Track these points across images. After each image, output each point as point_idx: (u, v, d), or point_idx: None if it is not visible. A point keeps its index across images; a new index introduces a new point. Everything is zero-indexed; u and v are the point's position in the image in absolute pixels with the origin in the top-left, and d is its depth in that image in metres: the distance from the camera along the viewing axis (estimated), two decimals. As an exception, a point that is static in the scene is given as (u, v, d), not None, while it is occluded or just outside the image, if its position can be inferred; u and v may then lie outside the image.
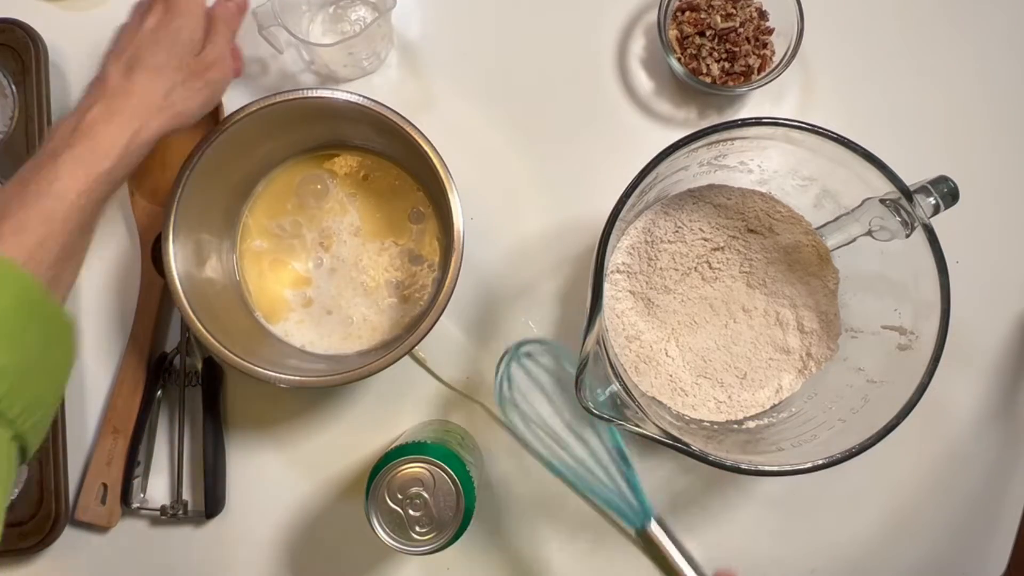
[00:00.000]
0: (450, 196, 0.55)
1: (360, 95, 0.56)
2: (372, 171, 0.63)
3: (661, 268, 0.61)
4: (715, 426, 0.60)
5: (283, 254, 0.63)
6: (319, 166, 0.64)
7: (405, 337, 0.55)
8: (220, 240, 0.61)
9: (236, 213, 0.62)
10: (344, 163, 0.64)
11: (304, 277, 0.63)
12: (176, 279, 0.55)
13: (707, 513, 0.64)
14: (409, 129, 0.56)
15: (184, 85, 0.52)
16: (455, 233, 0.55)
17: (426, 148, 0.55)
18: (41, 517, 0.60)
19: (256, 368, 0.54)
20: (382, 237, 0.63)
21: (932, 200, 0.51)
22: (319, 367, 0.59)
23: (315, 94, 0.56)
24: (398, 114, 0.56)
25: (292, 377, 0.55)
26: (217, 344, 0.55)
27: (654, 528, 0.62)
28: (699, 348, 0.62)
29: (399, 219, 0.63)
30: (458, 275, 0.55)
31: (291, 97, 0.56)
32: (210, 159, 0.56)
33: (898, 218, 0.52)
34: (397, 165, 0.63)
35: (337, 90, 0.56)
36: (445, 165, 0.55)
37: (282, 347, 0.61)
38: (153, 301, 0.63)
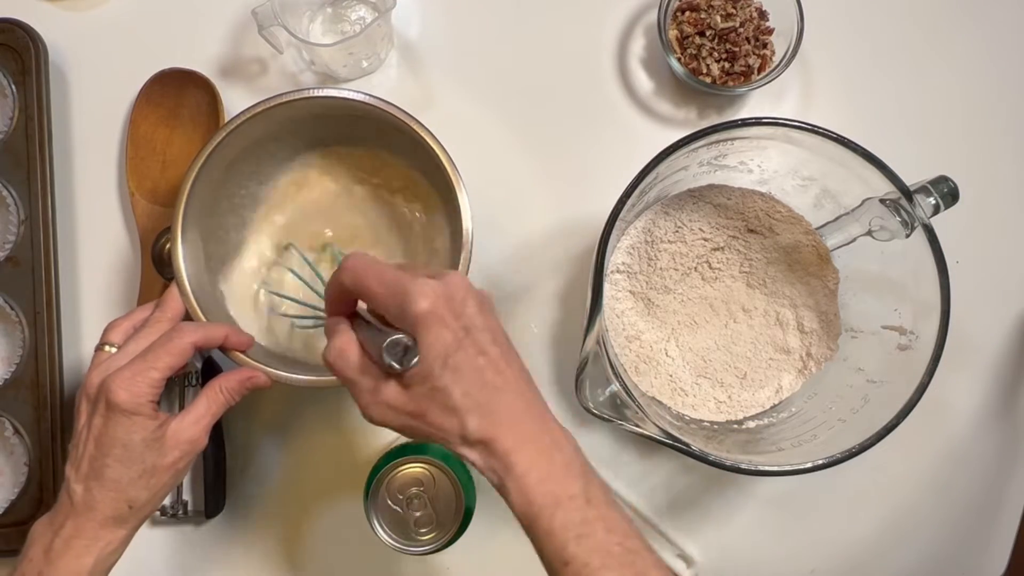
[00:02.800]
0: (458, 194, 0.55)
1: (367, 94, 0.56)
2: (377, 171, 0.63)
3: (661, 268, 0.61)
4: (715, 426, 0.60)
5: (286, 254, 0.63)
6: (323, 166, 0.63)
7: None
8: (225, 240, 0.61)
9: (241, 213, 0.62)
10: (348, 163, 0.63)
11: (309, 276, 0.63)
12: (185, 280, 0.55)
13: (707, 513, 0.64)
14: (416, 127, 0.55)
15: (148, 487, 0.49)
16: (464, 232, 0.55)
17: (434, 147, 0.55)
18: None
19: (260, 367, 0.54)
20: (387, 236, 0.63)
21: (932, 200, 0.51)
22: (322, 367, 0.59)
23: (320, 93, 0.56)
24: (405, 112, 0.56)
25: (296, 376, 0.55)
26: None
27: None
28: (699, 348, 0.62)
29: (404, 218, 0.63)
30: (467, 273, 0.55)
31: (296, 97, 0.56)
32: (215, 160, 0.56)
33: (898, 218, 0.52)
34: (402, 164, 0.63)
35: (343, 89, 0.56)
36: (453, 163, 0.55)
37: (285, 348, 0.61)
38: (153, 301, 0.62)
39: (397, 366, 0.41)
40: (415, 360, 0.41)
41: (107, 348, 0.52)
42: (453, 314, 0.41)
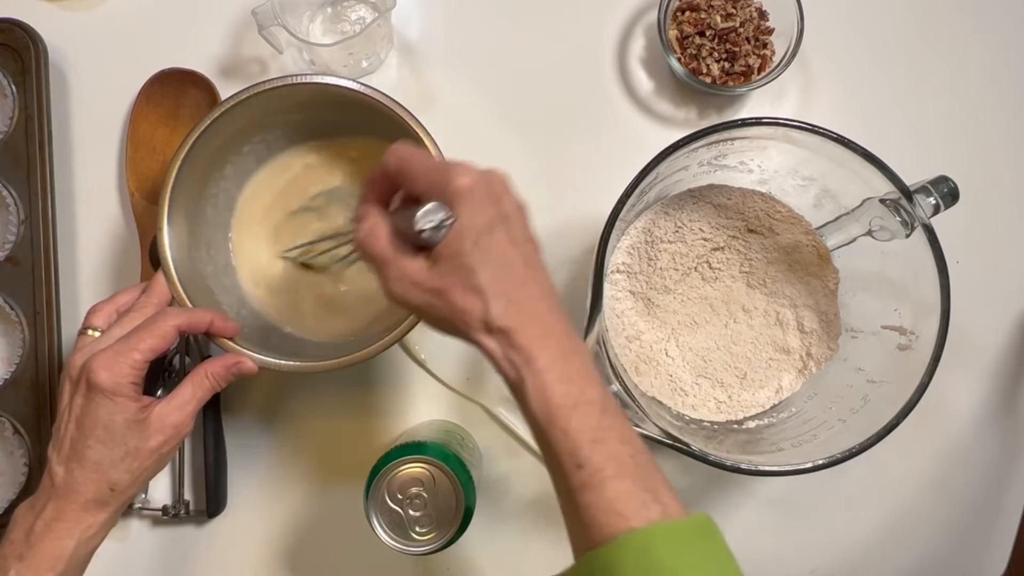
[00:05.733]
0: None
1: (351, 79, 0.56)
2: (365, 159, 0.63)
3: (661, 268, 0.61)
4: (715, 426, 0.60)
5: (278, 242, 0.63)
6: (314, 153, 0.63)
7: (399, 323, 0.55)
8: (215, 228, 0.61)
9: (230, 200, 0.62)
10: (335, 151, 0.63)
11: (300, 266, 0.63)
12: (172, 266, 0.55)
13: (707, 513, 0.64)
14: (401, 112, 0.55)
15: (131, 471, 0.49)
16: None
17: (419, 132, 0.55)
18: (41, 517, 0.60)
19: (248, 353, 0.54)
20: None
21: (932, 200, 0.51)
22: (314, 354, 0.59)
23: (305, 80, 0.56)
24: (388, 96, 0.55)
25: (281, 362, 0.55)
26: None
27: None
28: (699, 348, 0.62)
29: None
30: None
31: (281, 84, 0.56)
32: (202, 147, 0.56)
33: (898, 218, 0.52)
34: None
35: (326, 76, 0.56)
36: (438, 149, 0.55)
37: (278, 335, 0.61)
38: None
39: (429, 231, 0.40)
40: (450, 221, 0.40)
41: (90, 332, 0.52)
42: (492, 199, 0.41)
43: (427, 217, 0.40)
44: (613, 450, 0.39)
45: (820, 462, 0.51)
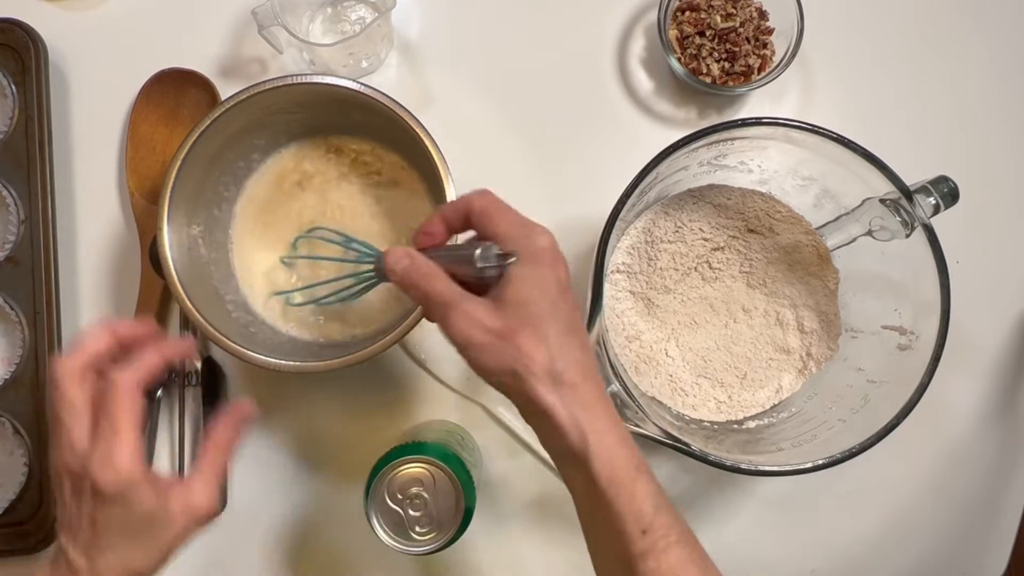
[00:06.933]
0: (446, 187, 0.55)
1: (350, 79, 0.56)
2: (363, 158, 0.63)
3: (661, 268, 0.61)
4: (715, 426, 0.60)
5: (277, 241, 0.63)
6: (315, 154, 0.63)
7: (399, 323, 0.55)
8: (215, 228, 0.61)
9: (230, 200, 0.62)
10: (339, 151, 0.63)
11: (300, 265, 0.63)
12: (172, 266, 0.55)
13: (708, 513, 0.64)
14: (401, 113, 0.55)
15: (158, 556, 0.44)
16: None
17: (419, 131, 0.55)
18: (41, 517, 0.60)
19: (254, 355, 0.54)
20: (371, 223, 0.62)
21: (932, 200, 0.51)
22: (314, 354, 0.59)
23: (304, 80, 0.56)
24: (388, 96, 0.55)
25: (286, 362, 0.55)
26: (215, 331, 0.54)
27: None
28: (699, 348, 0.62)
29: (391, 207, 0.63)
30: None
31: (280, 84, 0.56)
32: (202, 147, 0.56)
33: (898, 218, 0.52)
34: (389, 152, 0.63)
35: (327, 75, 0.56)
36: (438, 148, 0.55)
37: (278, 335, 0.61)
38: (153, 301, 0.63)
39: (489, 268, 0.41)
40: (512, 259, 0.41)
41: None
42: (562, 264, 0.42)
43: (486, 257, 0.42)
44: (672, 515, 0.40)
45: (820, 462, 0.51)
